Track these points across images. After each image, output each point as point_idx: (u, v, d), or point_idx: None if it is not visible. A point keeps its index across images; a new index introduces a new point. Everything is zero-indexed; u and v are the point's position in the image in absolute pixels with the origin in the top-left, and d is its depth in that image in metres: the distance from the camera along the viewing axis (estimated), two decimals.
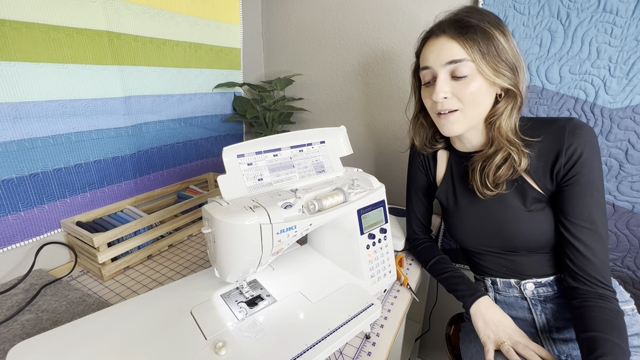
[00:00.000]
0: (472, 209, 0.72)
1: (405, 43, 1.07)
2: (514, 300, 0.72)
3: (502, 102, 0.63)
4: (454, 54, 0.59)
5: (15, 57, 0.66)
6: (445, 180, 0.78)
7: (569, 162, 0.59)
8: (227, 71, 1.18)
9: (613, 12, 0.77)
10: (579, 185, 0.59)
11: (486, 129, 0.66)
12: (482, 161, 0.66)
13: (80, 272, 0.78)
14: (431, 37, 0.63)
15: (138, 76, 0.89)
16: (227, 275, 0.56)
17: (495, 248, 0.71)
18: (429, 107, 0.68)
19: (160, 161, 1.02)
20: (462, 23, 0.59)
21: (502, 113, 0.62)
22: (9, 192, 0.69)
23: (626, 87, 0.80)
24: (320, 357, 0.50)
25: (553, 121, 0.62)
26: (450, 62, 0.59)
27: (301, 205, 0.58)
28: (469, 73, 0.59)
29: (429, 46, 0.63)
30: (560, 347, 0.65)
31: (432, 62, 0.62)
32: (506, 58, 0.59)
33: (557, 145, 0.60)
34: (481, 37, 0.58)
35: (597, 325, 0.54)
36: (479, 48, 0.58)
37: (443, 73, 0.61)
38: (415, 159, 0.84)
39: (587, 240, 0.59)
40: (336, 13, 1.17)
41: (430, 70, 0.63)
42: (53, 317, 0.61)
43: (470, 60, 0.58)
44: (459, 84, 0.60)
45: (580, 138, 0.58)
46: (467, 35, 0.58)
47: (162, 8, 0.92)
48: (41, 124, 0.72)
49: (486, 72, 0.59)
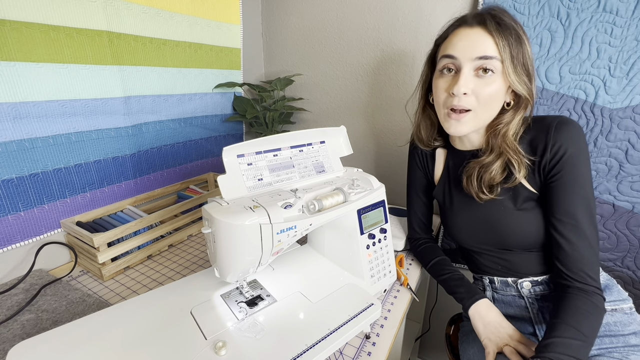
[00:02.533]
0: (466, 208, 0.72)
1: (405, 43, 1.07)
2: (511, 299, 0.72)
3: (510, 111, 0.62)
4: (487, 50, 0.57)
5: (15, 57, 0.66)
6: (443, 179, 0.78)
7: (553, 159, 0.59)
8: (227, 71, 1.18)
9: (613, 12, 0.77)
10: (562, 182, 0.59)
11: (487, 134, 0.66)
12: (478, 168, 0.65)
13: (80, 272, 0.78)
14: (463, 25, 0.60)
15: (138, 76, 0.89)
16: (227, 275, 0.56)
17: (490, 246, 0.71)
18: (441, 100, 0.64)
19: (160, 161, 1.02)
20: (500, 20, 0.57)
21: (510, 122, 0.62)
22: (9, 192, 0.69)
23: (626, 87, 0.80)
24: (320, 357, 0.50)
25: (542, 119, 0.62)
26: (481, 57, 0.57)
27: (301, 205, 0.58)
28: (494, 72, 0.58)
29: (459, 34, 0.60)
30: None
31: (461, 52, 0.59)
32: (527, 66, 0.59)
33: (544, 141, 0.60)
34: (515, 39, 0.57)
35: (562, 313, 0.55)
36: (510, 50, 0.57)
37: (468, 67, 0.59)
38: (413, 157, 0.84)
39: (568, 236, 0.59)
40: (336, 13, 1.17)
41: (454, 61, 0.60)
42: (53, 317, 0.61)
43: (499, 60, 0.57)
44: (480, 82, 0.59)
45: (565, 135, 0.58)
46: (504, 34, 0.56)
47: (162, 8, 0.92)
48: (41, 124, 0.72)
49: (511, 76, 0.57)
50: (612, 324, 0.63)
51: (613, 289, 0.68)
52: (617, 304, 0.65)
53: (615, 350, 0.61)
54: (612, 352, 0.60)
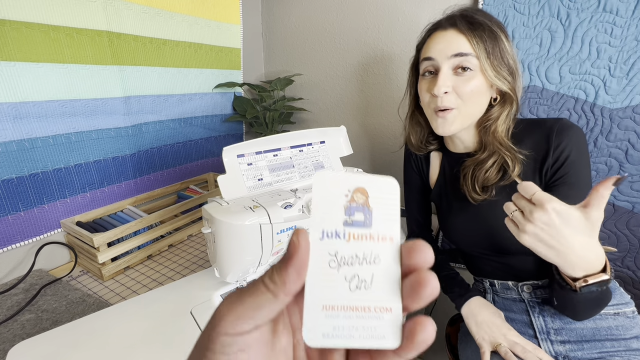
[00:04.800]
0: (464, 212, 0.71)
1: (405, 43, 1.07)
2: (512, 302, 0.72)
3: (496, 106, 0.63)
4: (461, 47, 0.59)
5: (15, 57, 0.66)
6: (439, 182, 0.77)
7: (556, 162, 0.60)
8: (227, 71, 1.18)
9: (613, 12, 0.77)
10: (565, 185, 0.59)
11: (479, 132, 0.66)
12: (473, 166, 0.66)
13: (80, 272, 0.78)
14: (438, 29, 0.63)
15: (138, 76, 0.89)
16: (227, 275, 0.56)
17: (489, 250, 0.71)
18: (425, 102, 0.66)
19: (160, 161, 1.02)
20: (472, 19, 0.60)
21: (498, 118, 0.63)
22: (9, 192, 0.69)
23: (626, 87, 0.80)
24: None
25: (542, 122, 0.63)
26: (456, 54, 0.59)
27: (301, 205, 0.58)
28: (472, 68, 0.59)
29: (434, 38, 0.63)
30: (558, 348, 0.65)
31: (437, 53, 0.61)
32: (507, 62, 0.60)
33: (545, 145, 0.60)
34: (488, 36, 0.59)
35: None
36: (485, 46, 0.58)
37: (446, 66, 0.61)
38: (408, 160, 0.84)
39: None
40: (336, 13, 1.17)
41: (432, 62, 0.62)
42: (53, 317, 0.61)
43: (475, 57, 0.59)
44: (460, 80, 0.60)
45: (568, 138, 0.59)
46: (476, 32, 0.59)
47: (162, 8, 0.92)
48: (41, 124, 0.72)
49: (488, 71, 0.59)
50: (614, 328, 0.63)
51: (615, 292, 0.68)
52: (620, 308, 0.65)
53: (617, 354, 0.60)
54: (614, 356, 0.60)
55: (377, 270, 0.19)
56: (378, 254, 0.19)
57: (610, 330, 0.63)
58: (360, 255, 0.19)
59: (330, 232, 0.19)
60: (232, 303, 0.18)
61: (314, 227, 0.19)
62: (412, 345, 0.18)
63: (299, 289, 0.18)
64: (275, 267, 0.18)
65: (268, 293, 0.17)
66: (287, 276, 0.17)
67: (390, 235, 0.19)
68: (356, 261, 0.19)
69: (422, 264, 0.19)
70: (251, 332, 0.18)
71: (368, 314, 0.18)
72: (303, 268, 0.18)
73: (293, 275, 0.17)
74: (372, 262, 0.19)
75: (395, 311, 0.19)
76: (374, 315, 0.18)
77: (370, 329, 0.18)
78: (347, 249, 0.19)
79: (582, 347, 0.63)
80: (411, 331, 0.18)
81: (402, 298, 0.19)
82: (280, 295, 0.17)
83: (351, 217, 0.19)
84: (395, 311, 0.19)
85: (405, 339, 0.18)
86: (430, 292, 0.17)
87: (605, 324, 0.63)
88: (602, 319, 0.64)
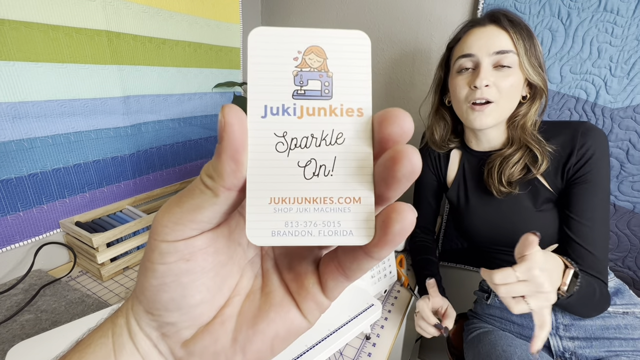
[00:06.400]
0: (484, 208, 0.72)
1: (405, 43, 1.07)
2: None
3: (527, 103, 0.65)
4: (503, 45, 0.61)
5: (14, 57, 0.66)
6: (457, 180, 0.78)
7: (580, 160, 0.61)
8: (226, 71, 1.18)
9: (614, 12, 0.77)
10: (585, 184, 0.61)
11: (508, 128, 0.68)
12: (500, 160, 0.67)
13: (80, 273, 0.78)
14: (476, 26, 0.64)
15: (137, 76, 0.89)
16: None
17: (506, 247, 0.71)
18: (461, 97, 0.66)
19: (160, 161, 1.01)
20: (511, 17, 0.62)
21: (527, 113, 0.65)
22: (8, 192, 0.69)
23: (627, 86, 0.80)
24: (321, 358, 0.50)
25: (567, 124, 0.65)
26: (498, 52, 0.61)
27: None
28: (512, 65, 0.61)
29: (473, 34, 0.64)
30: (567, 344, 0.66)
31: (478, 49, 0.62)
32: (540, 58, 0.63)
33: (570, 145, 0.62)
34: (526, 34, 0.61)
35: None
36: (524, 43, 0.60)
37: (487, 62, 0.62)
38: (425, 160, 0.84)
39: (582, 236, 0.61)
40: (336, 13, 1.16)
41: (472, 58, 0.63)
42: (52, 317, 0.61)
43: (515, 53, 0.61)
44: (500, 75, 0.62)
45: (592, 139, 0.60)
46: (516, 29, 0.60)
47: (161, 7, 0.92)
48: (40, 124, 0.72)
49: (527, 67, 0.61)
50: (622, 327, 0.63)
51: (625, 293, 0.69)
52: (629, 307, 0.66)
53: (624, 354, 0.61)
54: (620, 356, 0.61)
55: (340, 153, 0.15)
56: (342, 132, 0.15)
57: (619, 329, 0.64)
58: (317, 134, 0.15)
59: (275, 108, 0.15)
60: (169, 207, 0.15)
61: (253, 102, 0.15)
62: (386, 238, 0.14)
63: (242, 180, 0.14)
64: (211, 161, 0.14)
65: (207, 191, 0.14)
66: (223, 167, 0.14)
67: (357, 106, 0.15)
68: (312, 142, 0.15)
69: (398, 136, 0.14)
70: (195, 239, 0.15)
71: (329, 205, 0.15)
72: (239, 153, 0.14)
73: (229, 164, 0.14)
74: (333, 142, 0.15)
75: (365, 201, 0.15)
76: (338, 207, 0.15)
77: (332, 224, 0.15)
78: (300, 127, 0.15)
79: (591, 344, 0.64)
80: (385, 221, 0.14)
81: (374, 185, 0.15)
82: (221, 192, 0.14)
83: (303, 86, 0.15)
84: (365, 201, 0.15)
85: (377, 232, 0.15)
86: (410, 168, 0.14)
87: (614, 322, 0.64)
88: (611, 317, 0.65)
